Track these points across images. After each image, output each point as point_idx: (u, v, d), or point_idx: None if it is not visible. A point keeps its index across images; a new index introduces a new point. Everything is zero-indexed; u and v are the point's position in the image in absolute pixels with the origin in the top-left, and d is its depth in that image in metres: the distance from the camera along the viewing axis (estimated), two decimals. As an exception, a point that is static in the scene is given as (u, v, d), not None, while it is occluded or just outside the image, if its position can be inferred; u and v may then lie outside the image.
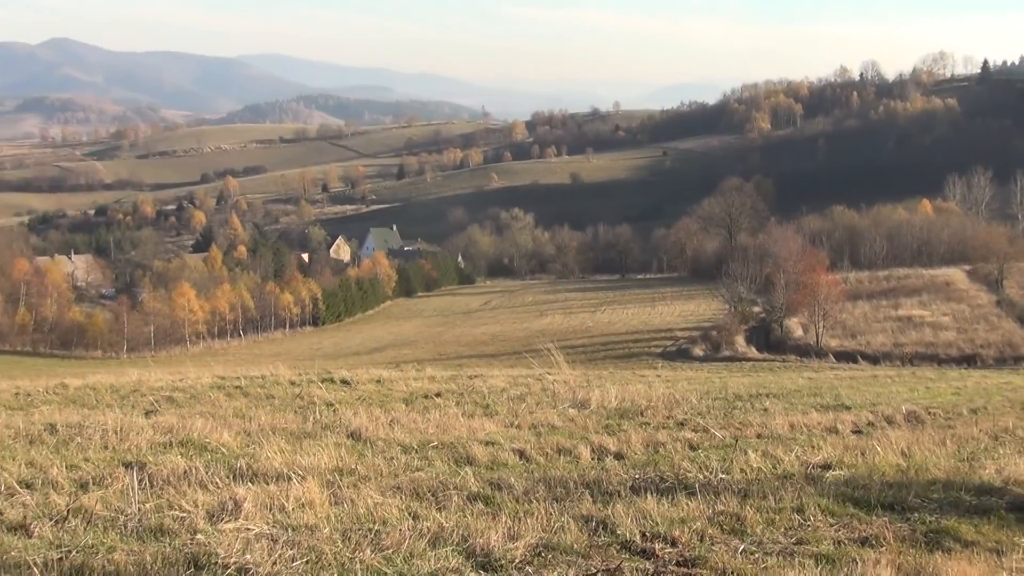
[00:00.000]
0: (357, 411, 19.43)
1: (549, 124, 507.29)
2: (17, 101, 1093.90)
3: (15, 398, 23.61)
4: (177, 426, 16.72)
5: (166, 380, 27.94)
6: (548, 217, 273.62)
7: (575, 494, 12.02)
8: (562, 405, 20.83)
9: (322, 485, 12.00)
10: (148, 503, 11.10)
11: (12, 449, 14.83)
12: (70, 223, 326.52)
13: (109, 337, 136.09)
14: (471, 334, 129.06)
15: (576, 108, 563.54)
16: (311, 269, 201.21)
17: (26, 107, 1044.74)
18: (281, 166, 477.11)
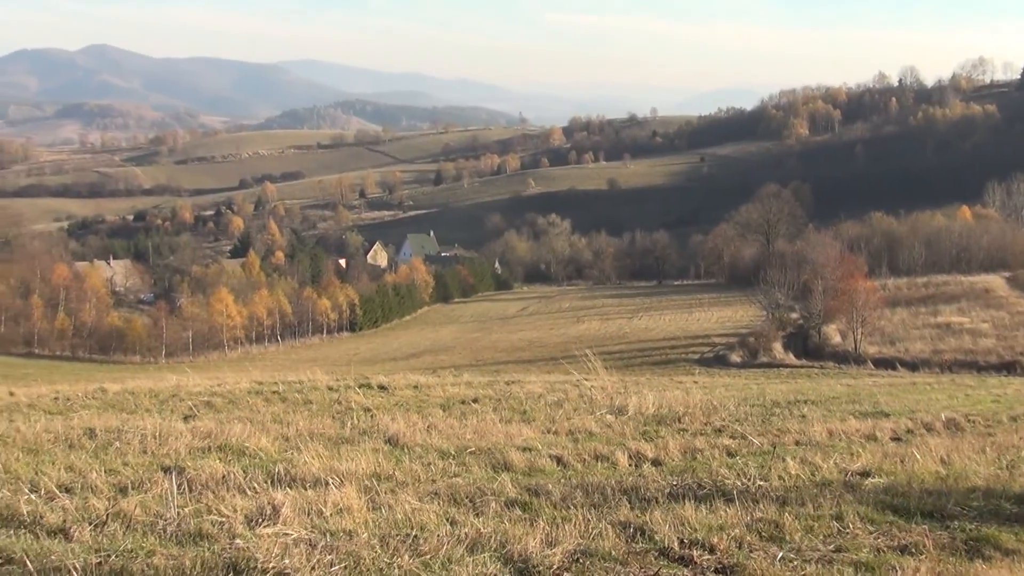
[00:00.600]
0: (395, 417, 19.45)
1: (586, 130, 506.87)
2: (57, 107, 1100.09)
3: (55, 403, 23.73)
4: (215, 431, 16.76)
5: (204, 385, 28.04)
6: (585, 223, 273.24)
7: (613, 500, 12.01)
8: (599, 411, 20.80)
9: (360, 490, 12.03)
10: (187, 508, 11.14)
11: (52, 453, 14.91)
12: (109, 228, 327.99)
13: (148, 342, 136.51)
14: (508, 340, 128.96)
15: (613, 114, 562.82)
16: (348, 275, 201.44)
17: (65, 113, 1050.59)
18: (319, 172, 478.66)
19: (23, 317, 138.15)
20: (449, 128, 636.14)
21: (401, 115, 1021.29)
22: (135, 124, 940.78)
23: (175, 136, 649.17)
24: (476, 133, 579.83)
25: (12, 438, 16.09)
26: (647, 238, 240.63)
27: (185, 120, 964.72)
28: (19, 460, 14.08)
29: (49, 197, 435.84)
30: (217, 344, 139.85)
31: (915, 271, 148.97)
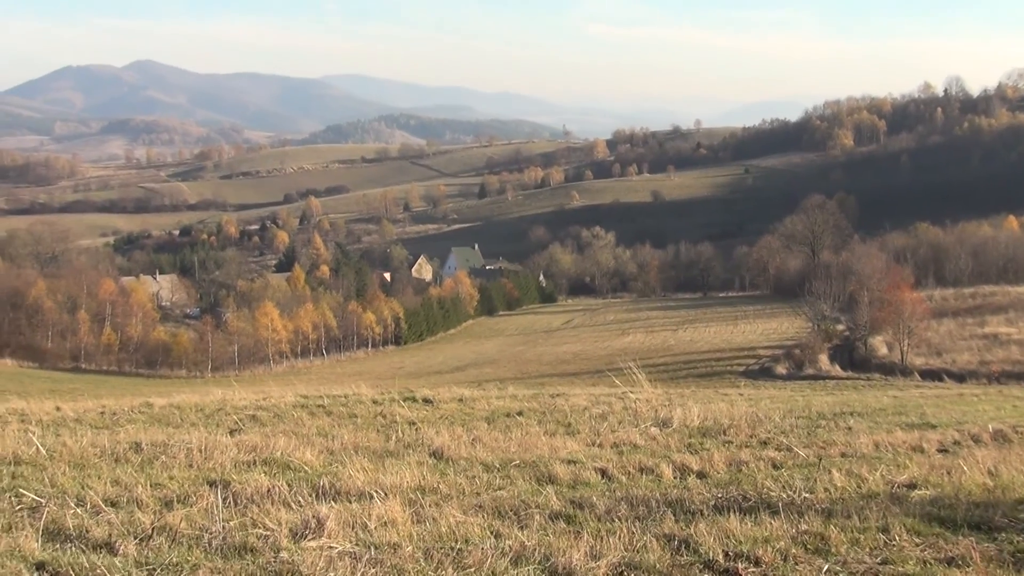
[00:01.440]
0: (439, 430, 19.46)
1: (630, 142, 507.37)
2: (103, 123, 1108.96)
3: (101, 417, 23.82)
4: (261, 445, 16.81)
5: (250, 399, 28.11)
6: (629, 235, 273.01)
7: (657, 513, 11.99)
8: (644, 424, 20.75)
9: (404, 503, 12.05)
10: (232, 521, 11.18)
11: (98, 467, 14.97)
12: (155, 243, 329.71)
13: (193, 356, 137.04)
14: (553, 352, 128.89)
15: (657, 126, 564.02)
16: (393, 288, 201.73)
17: (111, 129, 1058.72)
18: (363, 186, 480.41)
19: (70, 332, 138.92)
20: (493, 141, 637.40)
21: (445, 129, 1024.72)
22: (180, 140, 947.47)
23: (220, 151, 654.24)
24: (520, 146, 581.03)
25: (59, 452, 16.17)
26: (692, 250, 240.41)
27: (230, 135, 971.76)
28: (65, 474, 14.16)
29: (95, 213, 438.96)
30: (263, 358, 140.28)
31: (962, 281, 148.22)
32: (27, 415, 23.46)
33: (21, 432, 18.51)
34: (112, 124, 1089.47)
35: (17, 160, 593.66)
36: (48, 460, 15.55)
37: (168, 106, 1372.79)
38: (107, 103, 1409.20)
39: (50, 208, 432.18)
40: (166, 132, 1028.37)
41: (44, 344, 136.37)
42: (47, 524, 11.10)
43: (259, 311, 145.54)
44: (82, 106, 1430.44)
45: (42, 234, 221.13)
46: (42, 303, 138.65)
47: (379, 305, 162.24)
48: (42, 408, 25.62)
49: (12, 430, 18.83)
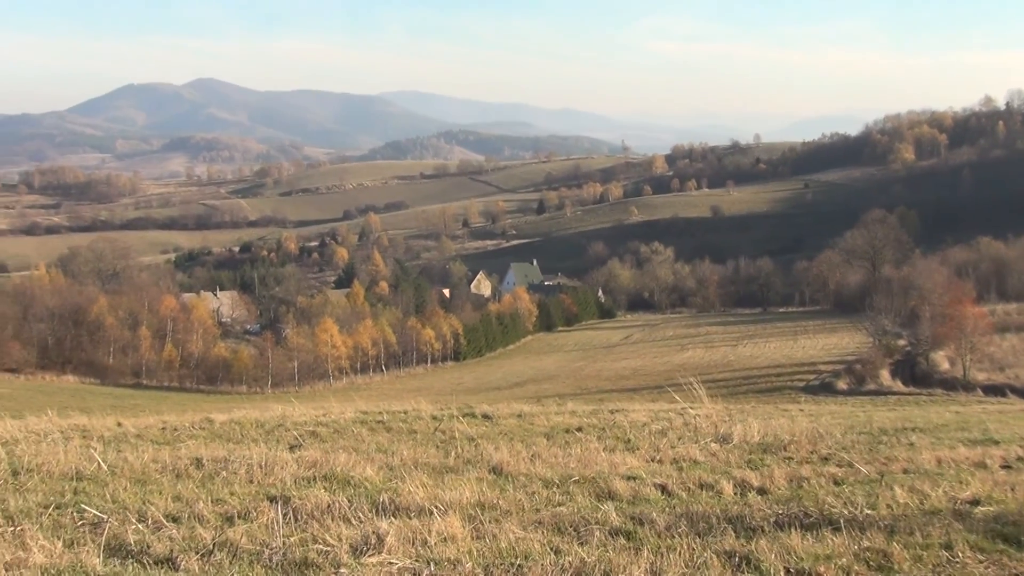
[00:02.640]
0: (499, 446, 19.43)
1: (689, 157, 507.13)
2: (164, 141, 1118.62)
3: (162, 433, 23.93)
4: (321, 460, 16.83)
5: (310, 415, 28.15)
6: (688, 250, 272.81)
7: (718, 529, 11.92)
8: (704, 440, 20.67)
9: (464, 519, 12.03)
10: (292, 537, 11.21)
11: (159, 483, 15.04)
12: (215, 260, 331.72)
13: (254, 372, 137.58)
14: (612, 368, 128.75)
15: (716, 141, 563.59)
16: (452, 304, 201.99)
17: (172, 147, 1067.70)
18: (422, 202, 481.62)
19: (131, 348, 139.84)
20: (552, 157, 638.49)
21: (504, 145, 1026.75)
22: (240, 157, 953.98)
23: (280, 168, 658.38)
24: (578, 162, 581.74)
25: (120, 468, 16.25)
26: (751, 265, 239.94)
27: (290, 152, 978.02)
28: (127, 490, 14.22)
29: (157, 230, 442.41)
30: (322, 374, 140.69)
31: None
32: (89, 431, 23.60)
33: (83, 448, 18.62)
34: (173, 141, 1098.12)
35: (79, 178, 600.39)
36: (110, 476, 15.63)
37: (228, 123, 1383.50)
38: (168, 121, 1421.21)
39: (112, 225, 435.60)
40: (226, 149, 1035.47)
41: (106, 360, 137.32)
42: (109, 540, 11.15)
43: (319, 327, 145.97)
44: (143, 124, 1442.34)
45: (104, 251, 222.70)
46: (104, 320, 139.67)
47: (438, 321, 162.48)
48: (104, 424, 25.78)
49: (74, 446, 18.94)
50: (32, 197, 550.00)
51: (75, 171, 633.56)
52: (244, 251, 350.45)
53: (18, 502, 13.18)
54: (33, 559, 10.25)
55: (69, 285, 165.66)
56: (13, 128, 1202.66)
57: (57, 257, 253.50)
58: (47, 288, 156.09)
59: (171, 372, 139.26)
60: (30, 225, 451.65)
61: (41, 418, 26.60)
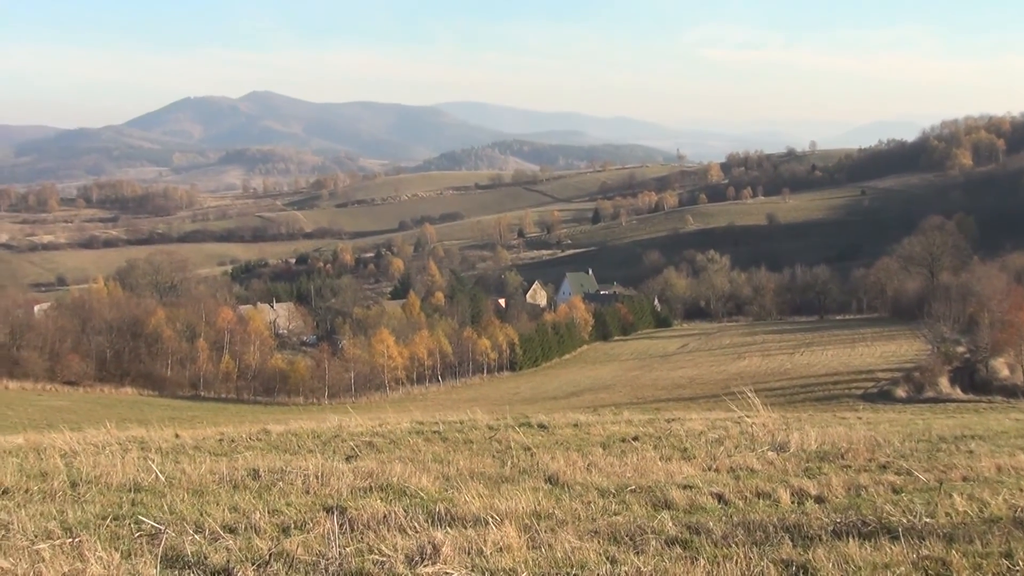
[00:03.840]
0: (554, 455, 19.41)
1: (744, 165, 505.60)
2: (220, 153, 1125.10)
3: (219, 444, 24.04)
4: (377, 471, 16.86)
5: (366, 425, 28.21)
6: (744, 258, 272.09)
7: (775, 538, 11.87)
8: (760, 448, 20.58)
9: (520, 529, 12.01)
10: (349, 547, 11.22)
11: (216, 494, 15.09)
12: (272, 272, 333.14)
13: (310, 383, 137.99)
14: (668, 377, 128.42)
15: (771, 148, 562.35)
16: (508, 314, 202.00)
17: (229, 159, 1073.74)
18: (477, 212, 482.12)
19: (189, 360, 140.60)
20: (606, 166, 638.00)
21: (558, 154, 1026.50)
22: (296, 168, 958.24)
23: (335, 180, 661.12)
24: (633, 171, 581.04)
25: (178, 479, 16.33)
26: (808, 273, 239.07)
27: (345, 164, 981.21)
28: (184, 501, 14.29)
29: (213, 242, 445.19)
30: (379, 385, 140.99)
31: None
32: (147, 443, 23.74)
33: (141, 459, 18.72)
34: (229, 154, 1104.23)
35: (137, 191, 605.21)
36: (167, 487, 15.71)
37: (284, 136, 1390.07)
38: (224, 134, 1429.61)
39: (169, 238, 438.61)
40: (282, 161, 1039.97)
41: (164, 372, 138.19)
42: (166, 550, 11.20)
43: (375, 338, 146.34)
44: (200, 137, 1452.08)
45: (161, 264, 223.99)
46: (162, 332, 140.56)
47: (494, 331, 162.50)
48: (161, 435, 25.94)
49: (132, 457, 19.04)
50: (90, 211, 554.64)
51: (133, 184, 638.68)
52: (300, 263, 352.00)
53: (76, 513, 13.26)
54: (91, 570, 10.30)
55: (127, 298, 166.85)
56: (71, 142, 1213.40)
57: (115, 270, 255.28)
58: (105, 301, 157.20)
59: (228, 384, 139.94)
60: (88, 238, 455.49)
61: (100, 430, 26.78)
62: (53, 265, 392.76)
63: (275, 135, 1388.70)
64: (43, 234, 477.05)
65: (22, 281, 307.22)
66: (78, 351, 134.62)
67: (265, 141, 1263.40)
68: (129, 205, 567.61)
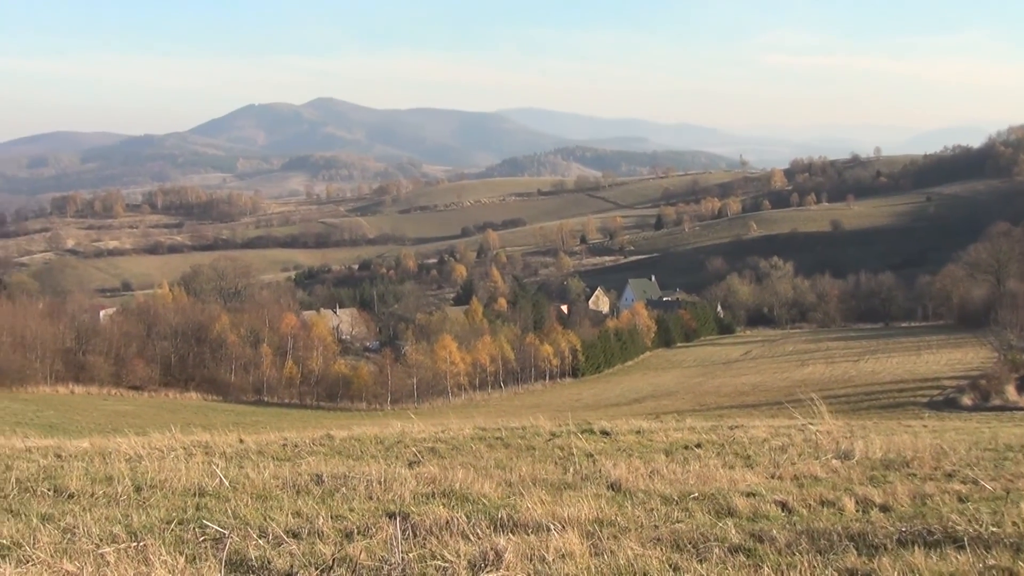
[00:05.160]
0: (617, 462, 19.36)
1: (808, 171, 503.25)
2: (284, 160, 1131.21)
3: (283, 449, 24.14)
4: (439, 477, 16.88)
5: (428, 431, 28.24)
6: (808, 265, 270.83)
7: (839, 547, 11.79)
8: (825, 456, 20.47)
9: (582, 536, 12.00)
10: (411, 553, 11.25)
11: (279, 499, 15.15)
12: (335, 277, 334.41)
13: (373, 389, 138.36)
14: (731, 384, 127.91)
15: (835, 155, 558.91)
16: (570, 320, 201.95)
17: (292, 165, 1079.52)
18: (539, 218, 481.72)
19: (253, 365, 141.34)
20: (669, 172, 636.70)
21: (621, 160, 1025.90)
22: (359, 175, 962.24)
23: (398, 186, 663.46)
24: (696, 177, 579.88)
25: (242, 484, 16.40)
26: (872, 280, 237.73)
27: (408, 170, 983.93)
28: (248, 506, 14.35)
29: (277, 248, 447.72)
30: (441, 390, 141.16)
31: None
32: (211, 447, 23.88)
33: (205, 464, 18.83)
34: (293, 161, 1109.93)
35: (201, 197, 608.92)
36: (231, 492, 15.79)
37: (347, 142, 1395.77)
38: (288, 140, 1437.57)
39: (233, 244, 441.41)
40: (345, 168, 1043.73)
41: (227, 377, 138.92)
42: (230, 555, 11.25)
43: (438, 344, 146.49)
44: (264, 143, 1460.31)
45: (225, 269, 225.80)
46: (226, 337, 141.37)
47: (556, 337, 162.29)
48: (225, 440, 26.08)
49: (196, 462, 19.17)
50: (155, 217, 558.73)
51: (197, 191, 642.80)
52: (363, 268, 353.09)
53: (141, 517, 13.36)
54: (155, 574, 10.37)
55: (192, 303, 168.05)
56: (137, 149, 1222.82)
57: (180, 275, 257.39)
58: (170, 306, 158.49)
59: (292, 389, 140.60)
60: (153, 244, 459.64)
61: (164, 434, 26.97)
62: (119, 270, 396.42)
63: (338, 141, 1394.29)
64: (109, 240, 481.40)
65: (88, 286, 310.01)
66: (143, 356, 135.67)
67: (328, 147, 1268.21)
68: (194, 211, 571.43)
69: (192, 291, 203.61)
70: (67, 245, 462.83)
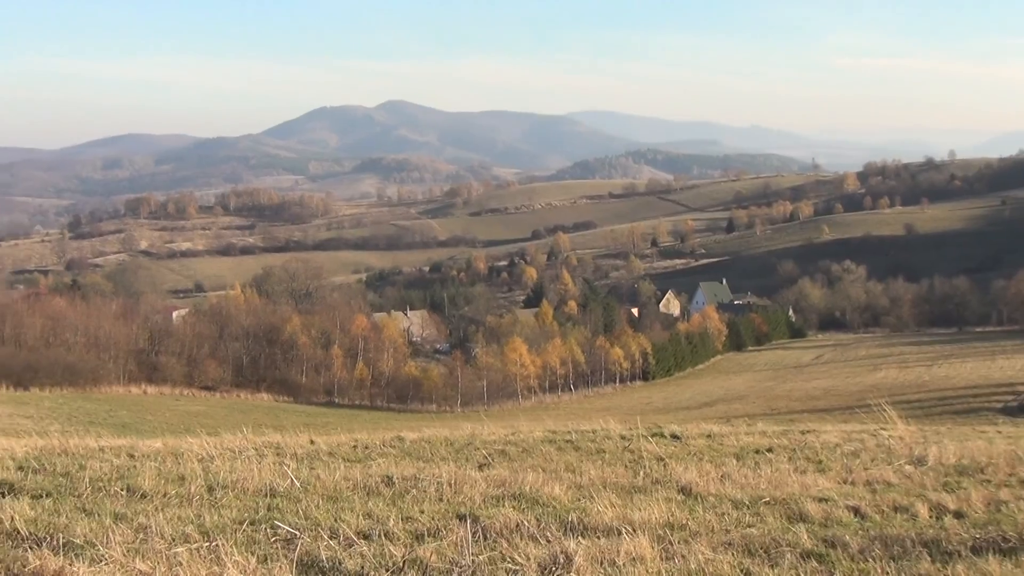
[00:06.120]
0: (687, 466, 19.28)
1: (881, 175, 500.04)
2: (355, 162, 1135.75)
3: (354, 450, 24.21)
4: (509, 479, 16.87)
5: (498, 434, 28.25)
6: (881, 269, 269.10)
7: (912, 553, 11.69)
8: (898, 461, 20.31)
9: (653, 540, 11.94)
10: (482, 555, 11.22)
11: (350, 500, 15.17)
12: (405, 279, 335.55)
13: (443, 391, 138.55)
14: (802, 388, 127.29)
15: (909, 158, 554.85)
16: (640, 324, 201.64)
17: (364, 168, 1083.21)
18: (610, 221, 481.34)
19: (324, 367, 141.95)
20: (740, 176, 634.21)
21: (692, 163, 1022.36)
22: (430, 177, 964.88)
23: (469, 188, 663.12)
24: (768, 180, 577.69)
25: (313, 485, 16.44)
26: (946, 284, 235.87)
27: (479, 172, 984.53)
28: (319, 507, 14.38)
29: (348, 250, 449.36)
30: (511, 393, 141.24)
31: None
32: (282, 448, 23.98)
33: (276, 465, 18.90)
34: (364, 163, 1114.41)
35: (274, 199, 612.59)
36: (302, 493, 15.83)
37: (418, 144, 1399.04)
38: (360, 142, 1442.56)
39: (304, 245, 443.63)
40: (416, 170, 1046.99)
41: (299, 379, 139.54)
42: (301, 556, 11.28)
43: (508, 346, 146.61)
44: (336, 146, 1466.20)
45: (297, 271, 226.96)
46: (297, 339, 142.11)
47: (626, 340, 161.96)
48: (297, 441, 26.18)
49: (268, 463, 19.23)
50: (228, 218, 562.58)
51: (269, 192, 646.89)
52: (434, 271, 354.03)
53: (213, 518, 13.41)
54: (227, 574, 10.42)
55: (263, 304, 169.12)
56: (210, 151, 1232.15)
57: (252, 277, 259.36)
58: (242, 308, 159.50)
59: (362, 391, 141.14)
60: (226, 246, 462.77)
61: (236, 435, 27.11)
62: (191, 272, 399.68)
63: (409, 144, 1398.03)
64: (182, 241, 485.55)
65: (161, 287, 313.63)
66: (215, 357, 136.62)
67: (400, 150, 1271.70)
68: (266, 213, 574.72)
69: (264, 292, 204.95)
70: (141, 246, 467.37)
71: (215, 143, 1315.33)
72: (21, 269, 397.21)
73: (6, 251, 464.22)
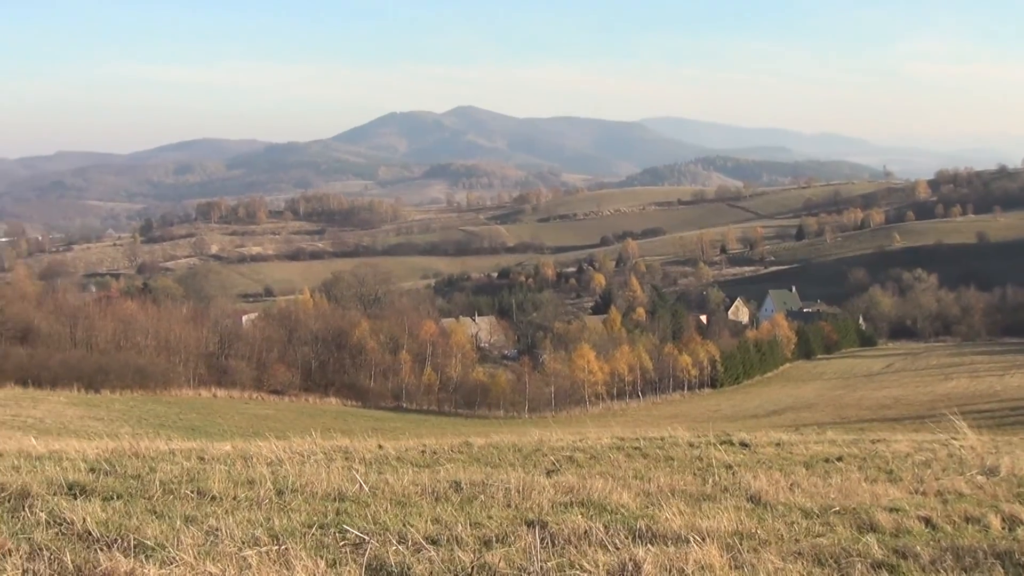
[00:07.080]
0: (756, 474, 19.21)
1: (953, 182, 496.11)
2: (424, 168, 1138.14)
3: (421, 455, 24.25)
4: (577, 486, 16.85)
5: (567, 440, 28.23)
6: (952, 278, 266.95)
7: (985, 565, 11.60)
8: (970, 472, 20.13)
9: (721, 548, 11.90)
10: (550, 562, 11.22)
11: (419, 506, 15.20)
12: (474, 285, 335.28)
13: (511, 397, 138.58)
14: (873, 397, 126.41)
15: (981, 165, 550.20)
16: (709, 331, 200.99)
17: (433, 173, 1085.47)
18: (679, 228, 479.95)
19: (392, 372, 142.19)
20: (811, 183, 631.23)
21: (761, 170, 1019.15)
22: (499, 183, 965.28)
23: (538, 194, 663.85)
24: (838, 187, 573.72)
25: (381, 490, 16.48)
26: (1019, 293, 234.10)
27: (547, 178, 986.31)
28: (387, 512, 14.41)
29: (417, 255, 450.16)
30: (579, 399, 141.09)
31: None
32: (351, 453, 24.04)
33: (345, 469, 18.95)
34: (433, 168, 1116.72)
35: (343, 204, 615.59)
36: (371, 497, 15.87)
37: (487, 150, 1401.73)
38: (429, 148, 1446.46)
39: (373, 250, 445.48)
40: (485, 176, 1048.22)
41: (367, 383, 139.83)
42: (370, 560, 11.32)
43: (576, 353, 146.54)
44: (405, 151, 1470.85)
45: (366, 276, 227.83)
46: (365, 343, 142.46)
47: (695, 348, 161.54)
48: (365, 446, 26.24)
49: (337, 467, 19.29)
50: (297, 223, 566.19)
51: (339, 198, 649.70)
52: (502, 277, 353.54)
53: (282, 521, 13.47)
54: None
55: (332, 309, 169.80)
56: (280, 156, 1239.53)
57: (321, 282, 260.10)
58: (311, 312, 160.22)
59: (430, 396, 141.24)
60: (295, 251, 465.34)
61: (305, 439, 27.21)
62: (261, 276, 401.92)
63: (479, 149, 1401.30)
64: (252, 245, 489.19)
65: (231, 291, 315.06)
66: (284, 361, 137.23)
67: (469, 155, 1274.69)
68: (335, 218, 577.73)
69: (333, 297, 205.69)
70: (211, 251, 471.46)
71: (285, 148, 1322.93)
72: (93, 272, 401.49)
73: (79, 254, 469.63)
